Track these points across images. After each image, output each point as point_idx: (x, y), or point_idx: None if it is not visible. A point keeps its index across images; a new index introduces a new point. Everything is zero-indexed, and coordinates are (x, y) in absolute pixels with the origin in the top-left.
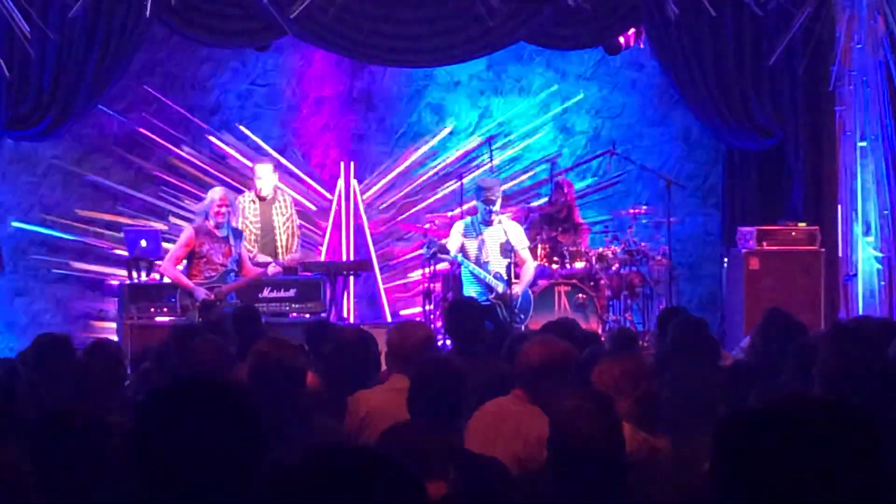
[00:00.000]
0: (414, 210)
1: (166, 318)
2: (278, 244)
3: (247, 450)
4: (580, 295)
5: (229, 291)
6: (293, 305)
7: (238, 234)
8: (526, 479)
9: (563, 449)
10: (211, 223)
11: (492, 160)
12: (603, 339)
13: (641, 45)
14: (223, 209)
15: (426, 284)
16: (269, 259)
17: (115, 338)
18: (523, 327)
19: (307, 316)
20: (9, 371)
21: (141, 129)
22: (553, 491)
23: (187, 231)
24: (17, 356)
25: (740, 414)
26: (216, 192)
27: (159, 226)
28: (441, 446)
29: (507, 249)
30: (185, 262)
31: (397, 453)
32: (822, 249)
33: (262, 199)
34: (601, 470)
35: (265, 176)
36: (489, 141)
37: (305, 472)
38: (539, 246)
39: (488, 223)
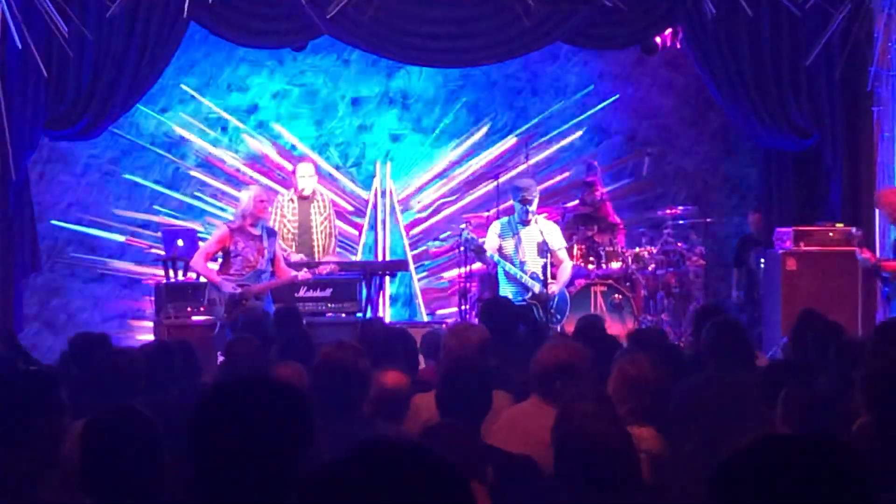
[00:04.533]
0: (450, 210)
1: (202, 318)
2: (315, 244)
3: (298, 446)
4: (616, 295)
5: (259, 291)
6: (329, 305)
7: (272, 232)
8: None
9: (568, 450)
10: (249, 221)
11: (528, 160)
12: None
13: (678, 46)
14: (263, 203)
15: (462, 284)
16: (302, 258)
17: (151, 337)
18: (559, 328)
19: (343, 315)
20: (51, 379)
21: (178, 129)
22: (559, 491)
23: (221, 229)
24: (59, 358)
25: (728, 462)
26: (256, 189)
27: (196, 225)
28: (478, 446)
29: (543, 250)
30: (220, 260)
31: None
32: None
33: (302, 198)
34: (607, 472)
35: (307, 175)
36: (525, 141)
37: (351, 467)
38: (575, 246)
39: (525, 223)
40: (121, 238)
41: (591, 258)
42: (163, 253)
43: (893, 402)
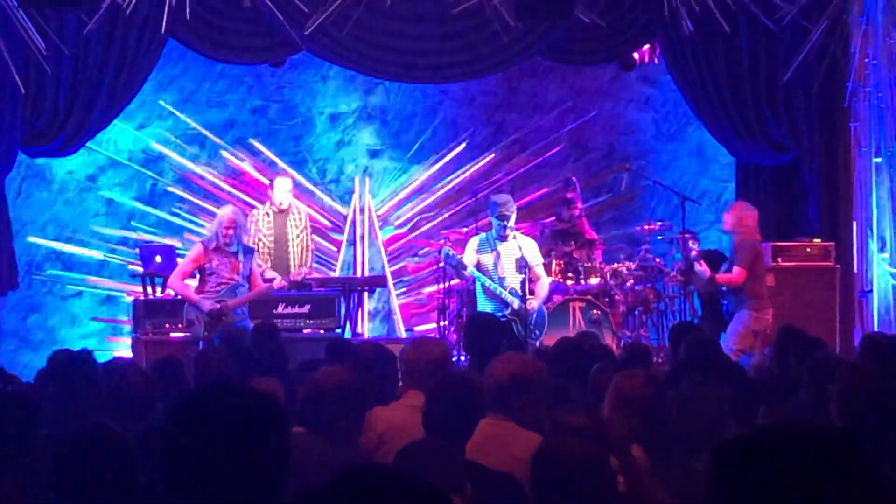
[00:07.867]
0: (429, 226)
1: (181, 334)
2: (291, 257)
3: (275, 456)
4: (595, 311)
5: (235, 305)
6: (308, 321)
7: (248, 250)
8: None
9: (546, 467)
10: (220, 242)
11: (506, 176)
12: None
13: (656, 61)
14: (230, 231)
15: (441, 300)
16: (276, 275)
17: (129, 353)
18: (538, 343)
19: (321, 332)
20: (27, 398)
21: (156, 145)
22: None
23: (197, 247)
24: (36, 375)
25: (732, 442)
26: (224, 214)
27: (174, 241)
28: (456, 461)
29: (521, 265)
30: (197, 277)
31: (415, 472)
32: (838, 265)
33: (278, 212)
34: (585, 492)
35: (285, 190)
36: (503, 157)
37: (336, 492)
38: (553, 262)
39: (503, 239)
40: (99, 254)
41: (570, 274)
42: (141, 269)
43: (866, 415)
